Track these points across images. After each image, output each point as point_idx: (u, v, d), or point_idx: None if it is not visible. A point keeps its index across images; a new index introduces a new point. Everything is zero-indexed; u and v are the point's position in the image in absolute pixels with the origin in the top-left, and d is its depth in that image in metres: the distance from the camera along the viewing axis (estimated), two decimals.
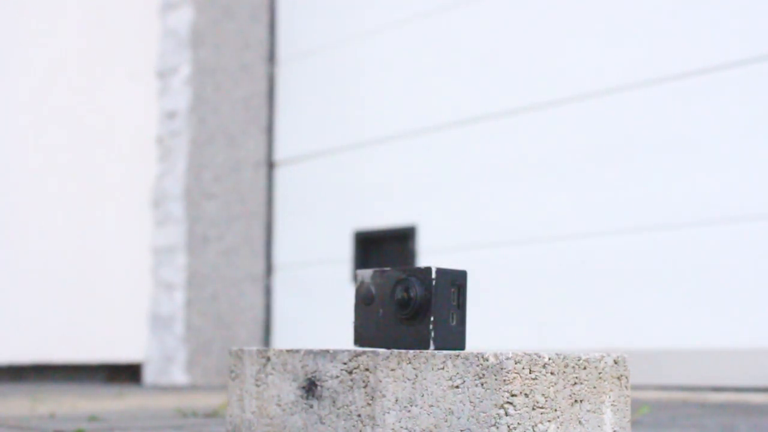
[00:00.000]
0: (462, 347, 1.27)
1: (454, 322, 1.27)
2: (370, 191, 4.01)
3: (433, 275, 1.25)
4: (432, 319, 1.24)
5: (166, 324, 4.16)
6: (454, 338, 1.26)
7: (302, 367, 1.33)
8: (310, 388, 1.31)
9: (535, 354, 1.12)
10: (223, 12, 4.33)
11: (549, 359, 1.13)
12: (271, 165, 4.40)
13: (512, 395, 1.10)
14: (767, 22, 2.97)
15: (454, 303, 1.27)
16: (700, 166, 3.05)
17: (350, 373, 1.26)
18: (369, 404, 1.23)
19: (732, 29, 3.03)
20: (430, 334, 1.24)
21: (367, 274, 1.34)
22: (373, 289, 1.33)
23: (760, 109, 2.95)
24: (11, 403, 2.63)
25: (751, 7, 2.99)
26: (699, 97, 3.07)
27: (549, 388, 1.13)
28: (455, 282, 1.27)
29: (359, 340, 1.34)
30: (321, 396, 1.29)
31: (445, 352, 1.17)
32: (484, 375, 1.11)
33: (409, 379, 1.19)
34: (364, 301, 1.34)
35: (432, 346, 1.24)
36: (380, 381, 1.22)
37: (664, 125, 3.15)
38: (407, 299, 1.26)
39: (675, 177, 3.10)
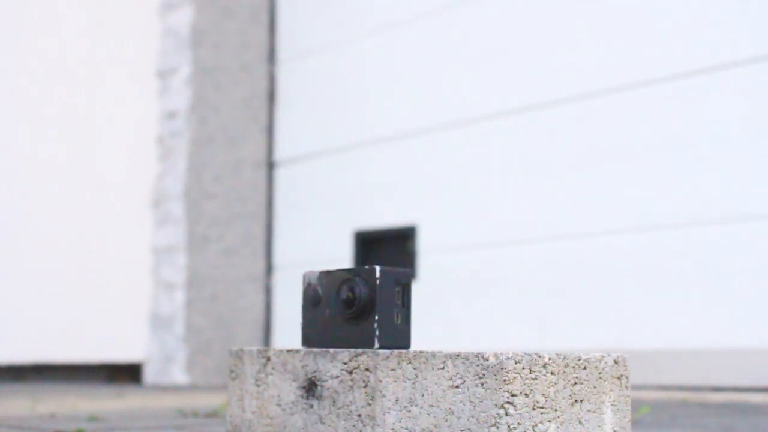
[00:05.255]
0: (407, 346, 1.30)
1: (399, 321, 1.30)
2: (370, 191, 4.01)
3: (377, 275, 1.28)
4: (376, 317, 1.27)
5: (166, 324, 4.16)
6: (399, 336, 1.30)
7: (302, 367, 1.33)
8: (311, 388, 1.31)
9: (535, 354, 1.12)
10: (223, 12, 4.33)
11: (549, 359, 1.13)
12: (271, 165, 4.40)
13: (512, 395, 1.10)
14: (767, 22, 2.97)
15: (399, 302, 1.30)
16: (700, 166, 3.05)
17: (350, 373, 1.26)
18: (369, 404, 1.23)
19: (732, 29, 3.03)
20: (374, 332, 1.27)
21: (313, 275, 1.36)
22: (320, 290, 1.35)
23: (760, 109, 2.95)
24: (11, 403, 2.63)
25: (751, 7, 2.99)
26: (699, 97, 3.07)
27: (549, 388, 1.13)
28: (400, 281, 1.30)
29: (307, 341, 1.37)
30: (321, 396, 1.30)
31: (446, 351, 1.18)
32: (484, 375, 1.11)
33: (409, 379, 1.19)
34: (311, 303, 1.36)
35: (377, 344, 1.26)
36: (380, 381, 1.22)
37: (664, 125, 3.15)
38: (352, 299, 1.30)
39: (675, 177, 3.10)
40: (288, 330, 4.24)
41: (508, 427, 1.09)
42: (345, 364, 1.27)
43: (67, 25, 4.21)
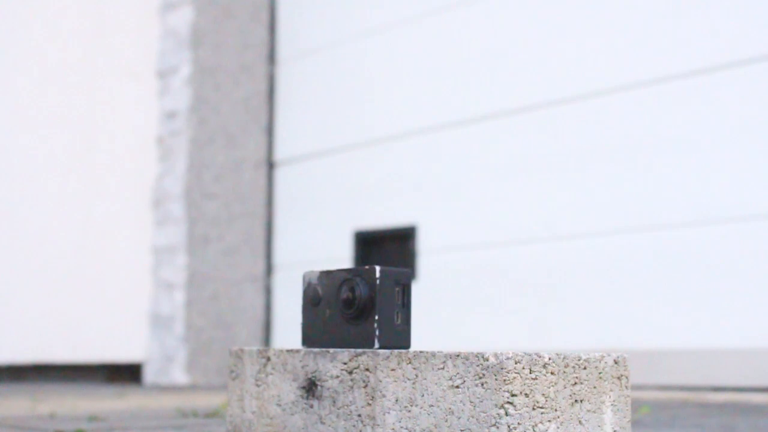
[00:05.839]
0: (407, 346, 1.30)
1: (399, 321, 1.30)
2: (370, 191, 4.01)
3: (377, 275, 1.28)
4: (376, 317, 1.27)
5: (166, 324, 4.16)
6: (399, 337, 1.30)
7: (302, 367, 1.33)
8: (311, 388, 1.31)
9: (535, 354, 1.12)
10: (223, 12, 4.33)
11: (549, 359, 1.13)
12: (271, 165, 4.40)
13: (512, 395, 1.10)
14: (767, 22, 2.97)
15: (399, 302, 1.30)
16: (700, 166, 3.05)
17: (350, 373, 1.26)
18: (369, 404, 1.23)
19: (732, 29, 3.03)
20: (374, 332, 1.28)
21: (314, 275, 1.37)
22: (320, 290, 1.35)
23: (759, 109, 2.95)
24: (11, 403, 2.63)
25: (750, 7, 2.99)
26: (699, 97, 3.07)
27: (549, 388, 1.13)
28: (400, 281, 1.30)
29: (307, 340, 1.37)
30: (321, 396, 1.30)
31: (446, 351, 1.18)
32: (484, 375, 1.11)
33: (409, 379, 1.19)
34: (311, 302, 1.36)
35: (377, 344, 1.26)
36: (380, 381, 1.22)
37: (664, 125, 3.15)
38: (352, 299, 1.30)
39: (675, 177, 3.10)
40: (288, 330, 4.24)
41: (508, 427, 1.09)
42: (345, 364, 1.27)
43: (66, 25, 4.21)
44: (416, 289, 3.57)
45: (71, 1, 4.24)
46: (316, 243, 4.20)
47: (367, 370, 1.24)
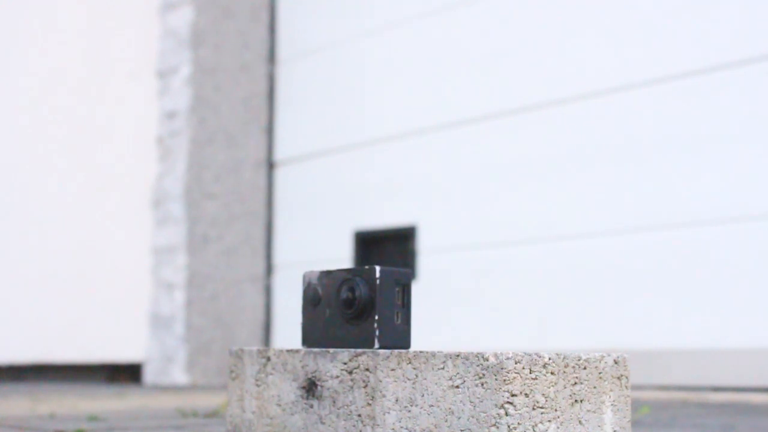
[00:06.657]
0: (407, 346, 1.30)
1: (399, 321, 1.30)
2: (370, 191, 4.01)
3: (377, 275, 1.28)
4: (376, 317, 1.27)
5: (166, 324, 4.16)
6: (399, 337, 1.30)
7: (302, 367, 1.33)
8: (311, 388, 1.31)
9: (535, 354, 1.12)
10: (223, 12, 4.33)
11: (549, 359, 1.13)
12: (271, 165, 4.40)
13: (512, 395, 1.10)
14: (767, 22, 2.97)
15: (399, 302, 1.30)
16: (701, 166, 3.05)
17: (350, 373, 1.26)
18: (369, 404, 1.23)
19: (732, 29, 3.03)
20: (374, 332, 1.28)
21: (314, 275, 1.37)
22: (320, 290, 1.36)
23: (760, 109, 2.95)
24: (11, 403, 2.63)
25: (751, 7, 2.99)
26: (699, 97, 3.07)
27: (549, 388, 1.13)
28: (400, 281, 1.30)
29: (307, 340, 1.37)
30: (321, 396, 1.30)
31: (446, 351, 1.18)
32: (484, 375, 1.11)
33: (409, 379, 1.19)
34: (311, 303, 1.37)
35: (377, 344, 1.26)
36: (380, 381, 1.22)
37: (664, 125, 3.15)
38: (352, 299, 1.30)
39: (675, 177, 3.10)
40: (288, 330, 4.24)
41: (508, 427, 1.09)
42: (345, 364, 1.27)
43: (66, 25, 4.21)
44: (416, 289, 3.57)
45: (71, 1, 4.24)
46: (316, 243, 4.20)
47: (367, 370, 1.24)
